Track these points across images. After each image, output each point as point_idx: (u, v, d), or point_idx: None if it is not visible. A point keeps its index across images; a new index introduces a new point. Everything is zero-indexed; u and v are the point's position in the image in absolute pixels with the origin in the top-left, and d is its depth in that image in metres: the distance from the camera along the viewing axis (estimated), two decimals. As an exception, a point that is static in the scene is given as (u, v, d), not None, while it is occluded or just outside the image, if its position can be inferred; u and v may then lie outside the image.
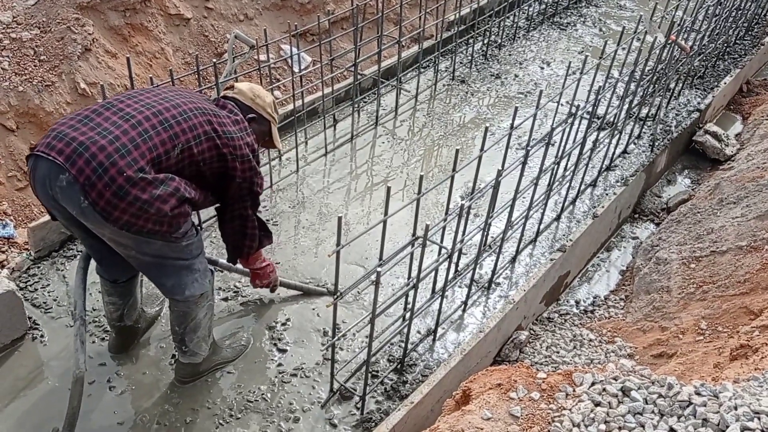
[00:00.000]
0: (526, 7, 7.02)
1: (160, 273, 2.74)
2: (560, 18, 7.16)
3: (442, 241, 3.21)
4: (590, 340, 3.61)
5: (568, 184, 4.13)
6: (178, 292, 2.78)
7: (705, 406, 2.03)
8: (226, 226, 2.90)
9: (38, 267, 3.65)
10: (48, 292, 3.52)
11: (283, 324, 3.46)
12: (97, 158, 2.31)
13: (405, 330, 3.10)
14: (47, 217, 3.63)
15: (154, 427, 2.95)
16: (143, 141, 2.40)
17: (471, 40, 6.14)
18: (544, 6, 7.24)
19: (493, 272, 3.67)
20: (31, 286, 3.54)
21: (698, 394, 2.09)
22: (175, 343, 3.01)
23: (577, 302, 4.06)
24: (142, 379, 3.15)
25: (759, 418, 1.95)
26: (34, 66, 4.26)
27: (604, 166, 4.58)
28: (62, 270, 3.64)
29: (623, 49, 5.73)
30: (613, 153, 4.64)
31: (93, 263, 2.88)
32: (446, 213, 2.98)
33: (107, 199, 2.32)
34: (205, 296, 2.87)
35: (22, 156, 4.12)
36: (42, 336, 3.30)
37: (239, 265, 3.24)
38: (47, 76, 4.27)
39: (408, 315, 3.06)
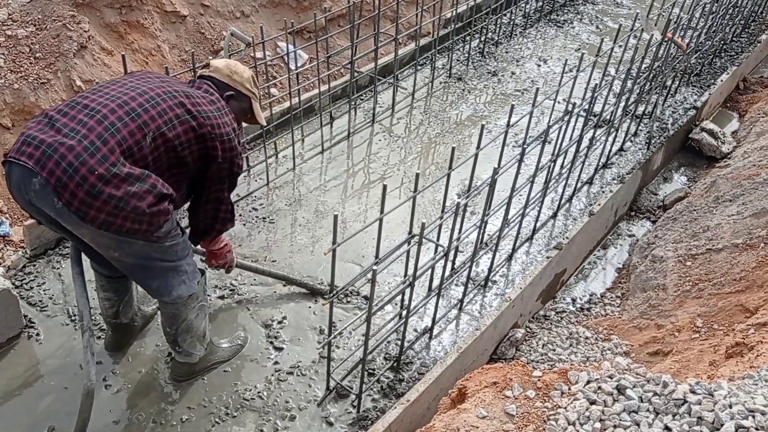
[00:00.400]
0: (523, 5, 7.02)
1: (145, 275, 2.69)
2: (557, 15, 7.16)
3: (438, 239, 3.21)
4: (586, 338, 3.62)
5: (564, 181, 4.13)
6: (165, 293, 2.74)
7: (700, 404, 2.03)
8: (199, 209, 2.79)
9: (34, 265, 3.64)
10: (44, 291, 3.51)
11: (280, 322, 3.46)
12: (67, 159, 2.27)
13: (401, 328, 3.10)
14: (43, 215, 3.63)
15: (150, 426, 2.95)
16: (111, 135, 2.34)
17: (468, 38, 6.13)
18: (541, 3, 7.23)
19: (490, 270, 3.67)
20: (26, 284, 3.54)
21: (693, 392, 2.09)
22: (169, 344, 3.00)
23: (574, 300, 4.06)
24: (138, 378, 3.14)
25: (753, 417, 1.95)
26: (30, 63, 4.25)
27: (600, 163, 4.59)
28: (58, 268, 3.63)
29: (620, 46, 5.73)
30: (610, 150, 4.65)
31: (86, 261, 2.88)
32: (442, 211, 2.98)
33: (81, 198, 2.29)
34: (193, 297, 2.83)
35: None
36: (38, 334, 3.29)
37: (197, 246, 3.13)
38: (43, 73, 4.25)
39: (404, 313, 3.06)
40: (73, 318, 3.37)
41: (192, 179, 2.69)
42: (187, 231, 2.82)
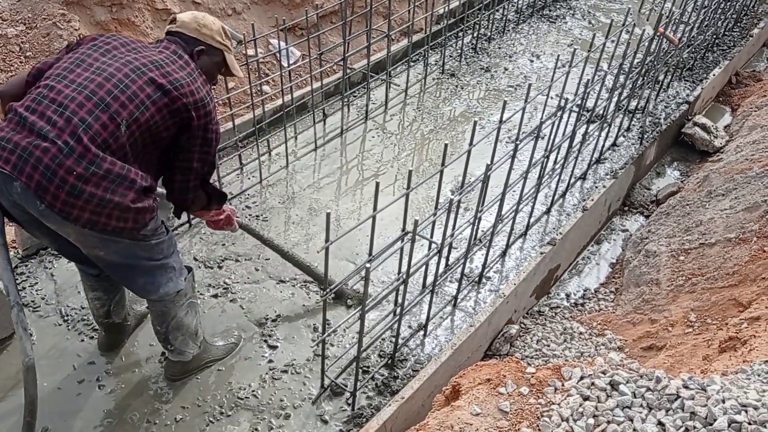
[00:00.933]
0: (516, 0, 7.01)
1: (131, 274, 2.65)
2: (549, 11, 7.15)
3: (432, 236, 3.21)
4: (580, 333, 3.62)
5: (557, 177, 4.13)
6: (151, 291, 2.71)
7: (693, 399, 2.04)
8: (172, 181, 2.64)
9: (26, 265, 3.63)
10: (36, 291, 3.50)
11: (274, 320, 3.45)
12: (43, 162, 2.23)
13: (395, 325, 3.10)
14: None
15: (144, 426, 2.94)
16: (84, 132, 2.27)
17: (461, 34, 6.13)
18: (533, -2, 7.23)
19: (484, 266, 3.67)
20: (19, 285, 3.52)
21: (686, 387, 2.10)
22: (161, 343, 2.99)
23: (568, 295, 4.07)
24: (131, 378, 3.13)
25: (746, 411, 1.96)
26: (20, 62, 4.22)
27: (593, 159, 4.59)
28: (50, 268, 3.62)
29: (612, 41, 5.73)
30: (603, 146, 4.65)
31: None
32: (436, 207, 2.98)
33: (63, 199, 2.26)
34: (181, 294, 2.81)
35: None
36: (31, 335, 3.27)
37: None
38: (33, 72, 4.23)
39: (398, 310, 3.06)
40: (65, 318, 3.36)
41: (166, 150, 2.58)
42: (171, 229, 2.79)
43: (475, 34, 6.29)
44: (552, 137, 3.67)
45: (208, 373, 3.17)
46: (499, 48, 6.32)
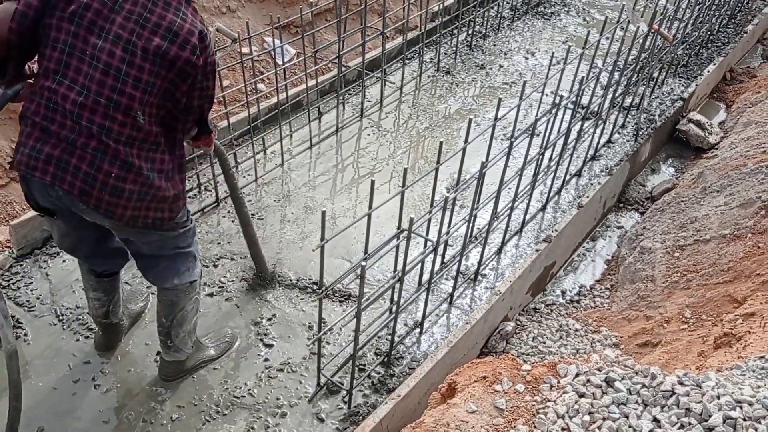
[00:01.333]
0: (511, -3, 7.02)
1: (155, 261, 2.73)
2: (544, 8, 7.16)
3: (427, 234, 3.21)
4: (576, 330, 3.63)
5: (553, 174, 4.14)
6: (169, 278, 2.77)
7: (688, 395, 2.04)
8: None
9: (21, 265, 3.62)
10: (31, 291, 3.49)
11: (269, 319, 3.45)
12: (82, 169, 2.27)
13: (391, 323, 3.10)
14: (30, 215, 3.60)
15: (140, 425, 2.94)
16: (107, 136, 2.28)
17: (455, 31, 6.12)
18: (528, -5, 7.23)
19: (479, 264, 3.67)
20: (13, 284, 3.51)
21: (681, 383, 2.10)
22: (161, 338, 2.98)
23: (563, 292, 4.08)
24: (127, 377, 3.13)
25: (741, 407, 1.96)
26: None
27: (588, 155, 4.59)
28: (45, 268, 3.61)
29: (607, 38, 5.74)
30: (598, 143, 4.66)
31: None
32: (431, 205, 2.98)
33: (107, 200, 2.33)
34: (193, 286, 2.86)
35: (3, 152, 4.07)
36: (25, 335, 3.27)
37: None
38: (27, 71, 4.21)
39: (394, 308, 3.06)
40: (60, 318, 3.35)
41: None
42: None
43: (470, 32, 6.29)
44: (547, 134, 3.68)
45: (204, 372, 3.17)
46: (494, 45, 6.32)
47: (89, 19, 2.25)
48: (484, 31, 6.45)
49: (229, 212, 4.10)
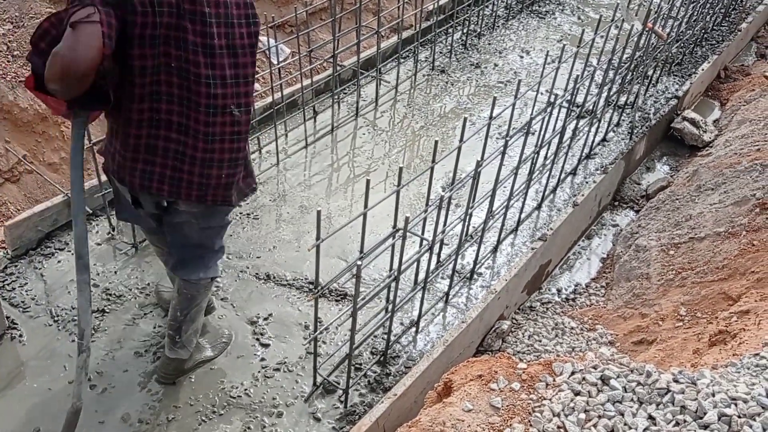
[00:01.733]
0: (505, -4, 7.02)
1: (195, 252, 2.79)
2: (539, 6, 7.16)
3: (423, 233, 3.21)
4: (572, 328, 3.64)
5: (548, 172, 4.14)
6: (198, 270, 2.81)
7: (683, 393, 2.05)
8: None
9: (15, 266, 3.60)
10: (26, 291, 3.48)
11: (265, 319, 3.45)
12: (194, 181, 2.44)
13: (387, 322, 3.10)
14: (24, 215, 3.59)
15: (136, 425, 2.93)
16: (212, 141, 2.39)
17: (450, 30, 6.12)
18: (523, -6, 7.24)
19: (475, 262, 3.68)
20: (8, 285, 3.50)
21: (676, 381, 2.11)
22: (170, 333, 2.97)
23: (559, 291, 4.08)
24: (123, 378, 3.12)
25: (736, 404, 1.97)
26: (8, 62, 4.19)
27: (583, 154, 4.60)
28: (40, 268, 3.60)
29: (601, 36, 5.74)
30: (593, 141, 4.67)
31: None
32: (427, 204, 2.98)
33: (222, 195, 2.53)
34: (212, 283, 2.93)
35: (-4, 153, 4.06)
36: (21, 336, 3.26)
37: None
38: (21, 71, 4.20)
39: (390, 307, 3.06)
40: (56, 318, 3.34)
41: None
42: None
43: (464, 31, 6.29)
44: (542, 133, 3.68)
45: (200, 372, 3.16)
46: (489, 44, 6.33)
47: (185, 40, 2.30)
48: (479, 30, 6.45)
49: (224, 212, 4.09)
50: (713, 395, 2.02)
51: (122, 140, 2.39)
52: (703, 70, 5.78)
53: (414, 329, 3.41)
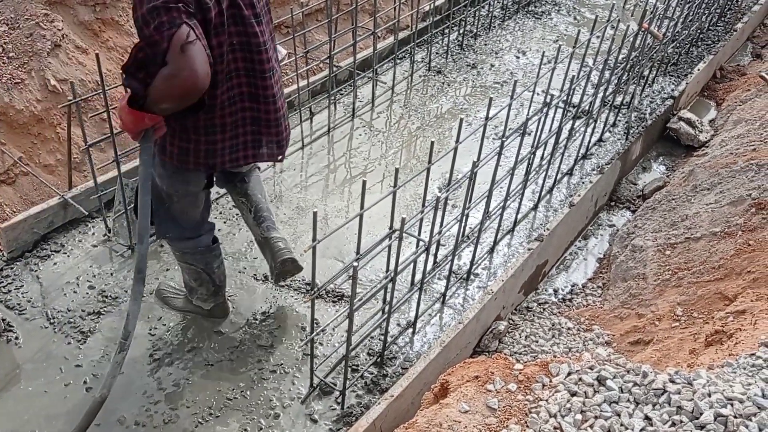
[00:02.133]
0: (501, -4, 7.02)
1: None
2: (535, 7, 7.17)
3: (420, 234, 3.21)
4: (568, 329, 3.64)
5: (544, 173, 4.15)
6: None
7: (679, 393, 2.05)
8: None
9: (11, 268, 3.59)
10: (22, 294, 3.46)
11: (262, 320, 3.44)
12: (272, 141, 2.81)
13: (384, 323, 3.10)
14: (20, 217, 3.59)
15: (133, 428, 2.92)
16: (276, 99, 2.71)
17: (446, 30, 6.12)
18: (519, -5, 7.24)
19: (472, 263, 3.68)
20: (4, 287, 3.49)
21: (672, 381, 2.11)
22: (267, 216, 3.29)
23: (555, 291, 4.08)
24: (119, 380, 3.10)
25: (732, 405, 1.97)
26: (3, 63, 4.18)
27: (580, 154, 4.61)
28: (36, 271, 3.58)
29: (597, 37, 5.75)
30: (589, 141, 4.67)
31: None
32: (423, 205, 2.98)
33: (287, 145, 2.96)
34: None
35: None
36: (17, 338, 3.25)
37: None
38: (16, 73, 4.19)
39: (387, 308, 3.06)
40: (51, 321, 3.33)
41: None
42: None
43: (461, 31, 6.29)
44: (538, 133, 3.68)
45: (197, 373, 3.16)
46: (485, 45, 6.33)
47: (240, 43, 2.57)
48: (475, 31, 6.45)
49: (221, 213, 4.09)
50: (709, 395, 2.02)
51: (207, 130, 2.58)
52: (698, 70, 5.79)
53: (411, 330, 3.40)
